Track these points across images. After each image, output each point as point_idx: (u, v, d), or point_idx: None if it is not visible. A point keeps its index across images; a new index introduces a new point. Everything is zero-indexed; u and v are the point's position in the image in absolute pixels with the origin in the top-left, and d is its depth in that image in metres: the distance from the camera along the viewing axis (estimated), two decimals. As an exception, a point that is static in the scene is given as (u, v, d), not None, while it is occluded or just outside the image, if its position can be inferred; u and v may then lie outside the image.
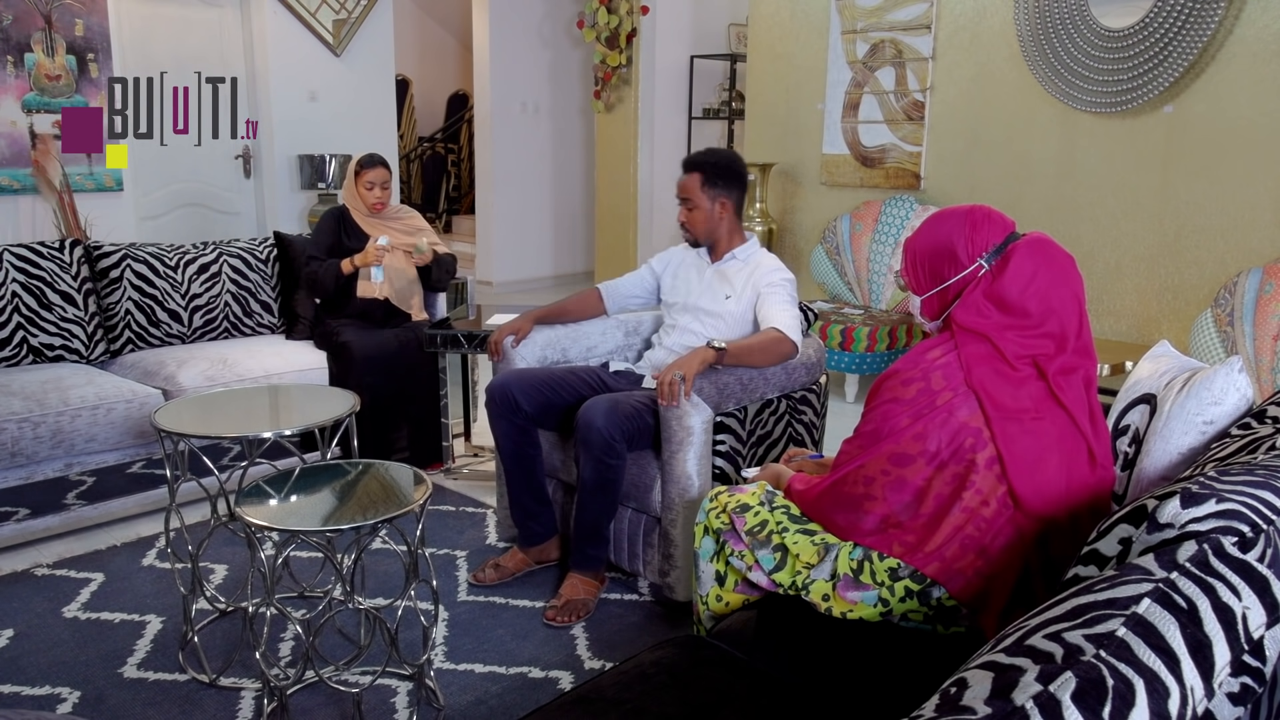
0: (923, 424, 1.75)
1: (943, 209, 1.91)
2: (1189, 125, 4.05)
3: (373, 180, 3.83)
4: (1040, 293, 1.75)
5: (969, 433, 1.73)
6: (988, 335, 1.76)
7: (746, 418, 2.69)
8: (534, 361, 3.05)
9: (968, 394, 1.75)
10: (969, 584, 1.73)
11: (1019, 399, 1.74)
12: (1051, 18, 4.33)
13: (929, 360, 1.79)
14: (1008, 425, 1.72)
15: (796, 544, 1.87)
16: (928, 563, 1.74)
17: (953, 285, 1.82)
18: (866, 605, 1.78)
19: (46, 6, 4.74)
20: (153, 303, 3.84)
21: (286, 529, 2.01)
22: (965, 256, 1.80)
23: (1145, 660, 0.89)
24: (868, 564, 1.78)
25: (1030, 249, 1.78)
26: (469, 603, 2.77)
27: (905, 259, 1.91)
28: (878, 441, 1.80)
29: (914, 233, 1.90)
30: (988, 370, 1.75)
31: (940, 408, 1.75)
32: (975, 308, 1.78)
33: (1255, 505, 1.16)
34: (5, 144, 4.71)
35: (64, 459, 3.25)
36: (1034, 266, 1.76)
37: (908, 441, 1.76)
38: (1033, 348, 1.75)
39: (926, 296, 1.87)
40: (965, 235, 1.80)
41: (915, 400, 1.77)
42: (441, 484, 3.65)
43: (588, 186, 8.09)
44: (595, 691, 1.57)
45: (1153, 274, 4.25)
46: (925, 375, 1.78)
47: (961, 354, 1.77)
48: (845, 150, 5.36)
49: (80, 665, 2.43)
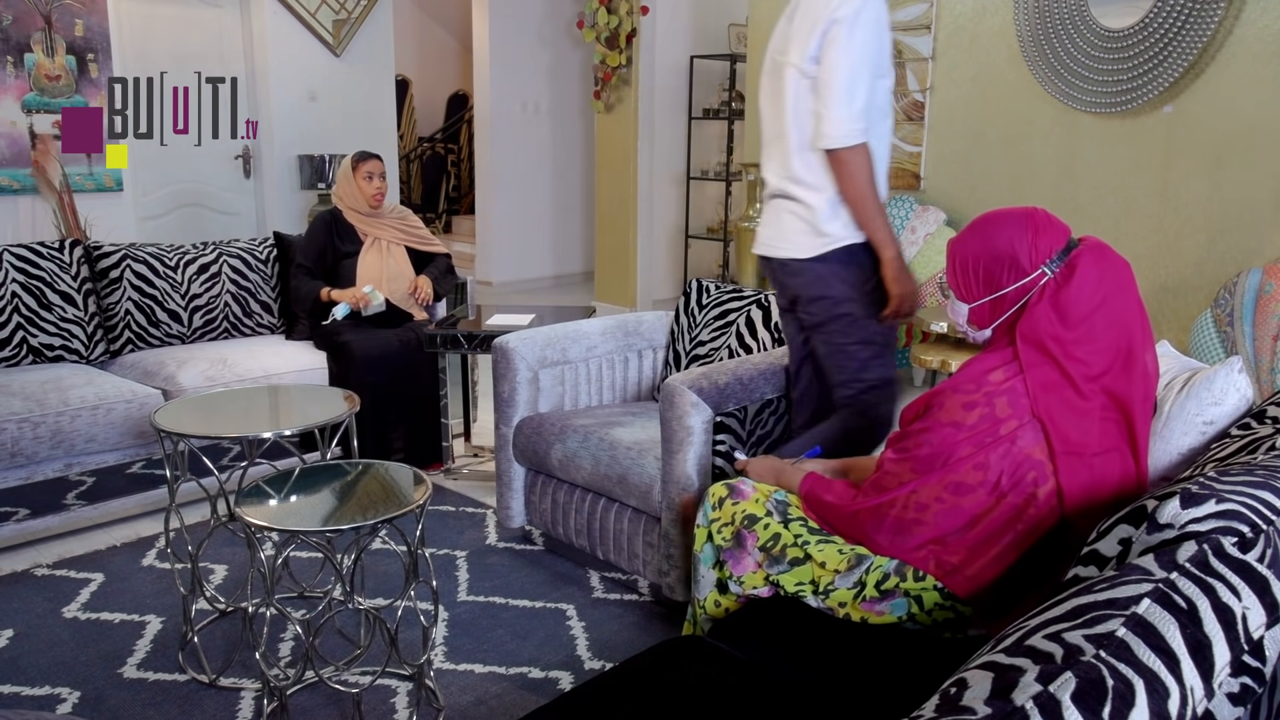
0: (985, 454, 1.67)
1: (994, 211, 1.80)
2: (1189, 125, 4.05)
3: (371, 170, 3.83)
4: (1105, 302, 1.66)
5: (1032, 465, 1.66)
6: (1056, 357, 1.66)
7: (746, 418, 2.69)
8: (534, 361, 3.05)
9: (1033, 423, 1.66)
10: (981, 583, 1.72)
11: (1086, 431, 1.65)
12: (1051, 18, 4.33)
13: (992, 384, 1.69)
14: (1071, 459, 1.65)
15: (823, 552, 1.82)
16: (968, 588, 1.70)
17: (1011, 294, 1.72)
18: (891, 615, 1.76)
19: (46, 7, 4.74)
20: (152, 303, 3.84)
21: (286, 529, 2.01)
22: (1028, 263, 1.70)
23: (1145, 660, 0.89)
24: (899, 580, 1.75)
25: (1096, 255, 1.69)
26: (469, 603, 2.76)
27: (953, 263, 1.79)
28: (933, 468, 1.71)
29: (962, 235, 1.80)
30: (1056, 400, 1.65)
31: (1004, 437, 1.66)
32: (1044, 319, 1.67)
33: (1255, 505, 1.16)
34: (5, 144, 4.71)
35: (64, 459, 3.25)
36: (1100, 274, 1.67)
37: (968, 471, 1.68)
38: (1098, 365, 1.66)
39: (977, 305, 1.77)
40: (1029, 240, 1.70)
41: (977, 427, 1.67)
42: (441, 484, 3.65)
43: (587, 187, 8.09)
44: (595, 692, 1.57)
45: (1152, 274, 4.25)
46: (990, 400, 1.68)
47: (1029, 379, 1.67)
48: (845, 150, 5.35)
49: (80, 665, 2.43)
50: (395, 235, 3.96)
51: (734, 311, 3.13)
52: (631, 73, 6.58)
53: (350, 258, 3.89)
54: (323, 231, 3.90)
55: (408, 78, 9.87)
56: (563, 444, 2.88)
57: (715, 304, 3.21)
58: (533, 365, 3.06)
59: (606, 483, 2.77)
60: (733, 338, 3.08)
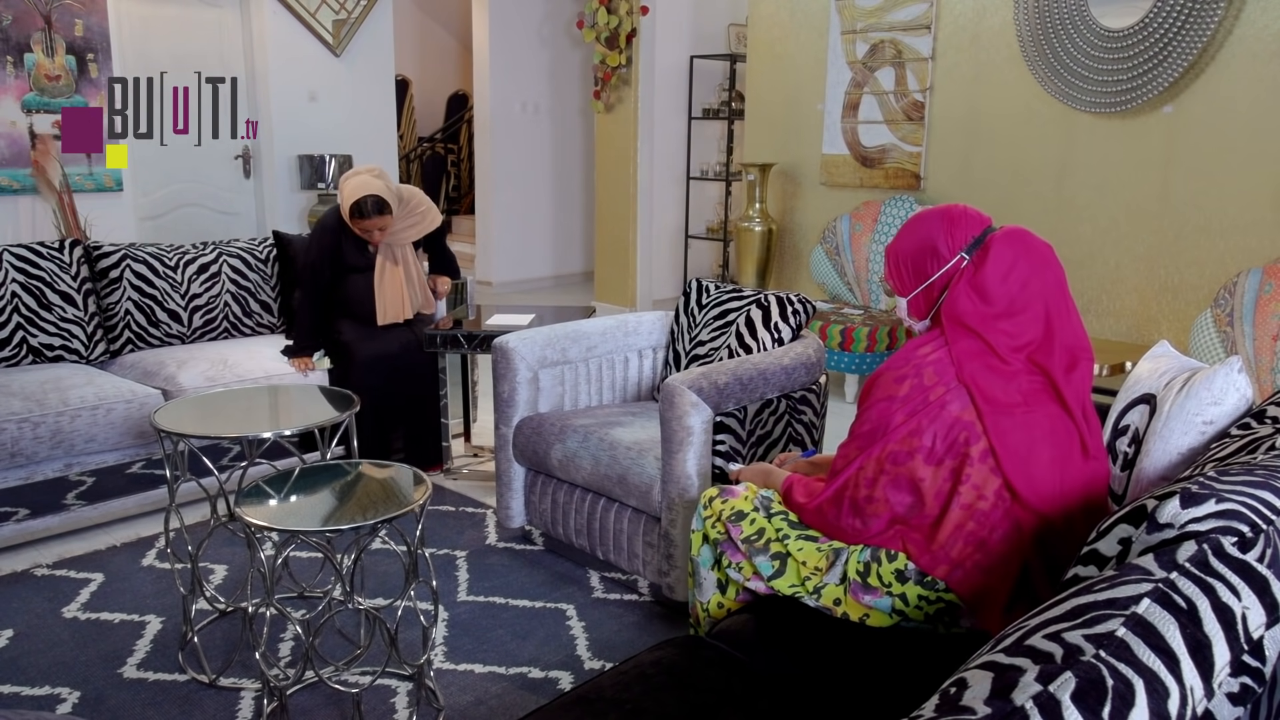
0: (917, 420, 1.76)
1: (920, 211, 1.94)
2: (1188, 125, 4.05)
3: (368, 227, 3.57)
4: (1022, 279, 1.77)
5: (962, 426, 1.74)
6: (977, 330, 1.77)
7: (746, 418, 2.69)
8: (534, 361, 3.05)
9: (959, 388, 1.76)
10: (969, 578, 1.73)
11: (1010, 392, 1.75)
12: (1051, 18, 4.33)
13: (920, 356, 1.81)
14: (999, 418, 1.73)
15: (801, 550, 1.87)
16: (936, 564, 1.74)
17: (937, 281, 1.84)
18: (881, 612, 1.78)
19: (46, 7, 4.74)
20: (152, 303, 3.84)
21: (286, 529, 2.01)
22: (947, 250, 1.83)
23: (1145, 660, 0.89)
24: (875, 565, 1.78)
25: (1008, 239, 1.81)
26: (469, 603, 2.76)
27: (889, 263, 1.93)
28: (874, 442, 1.81)
29: (895, 237, 1.93)
30: (979, 365, 1.76)
31: (933, 403, 1.76)
32: (962, 299, 1.79)
33: (1255, 505, 1.16)
34: (5, 144, 4.71)
35: (64, 459, 3.25)
36: (1013, 255, 1.78)
37: (903, 439, 1.77)
38: (1021, 337, 1.76)
39: (912, 296, 1.89)
40: (945, 231, 1.83)
41: (909, 397, 1.78)
42: (441, 484, 3.65)
43: (587, 187, 8.09)
44: (595, 692, 1.57)
45: (1152, 274, 4.25)
46: (917, 371, 1.79)
47: (953, 350, 1.78)
48: (845, 150, 5.36)
49: (80, 665, 2.43)
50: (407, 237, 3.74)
51: (734, 311, 3.13)
52: (631, 73, 6.58)
53: (360, 273, 3.70)
54: (331, 241, 3.65)
55: (408, 78, 9.86)
56: (563, 444, 2.88)
57: (715, 304, 3.21)
58: (532, 365, 3.06)
59: (606, 483, 2.77)
60: (732, 338, 3.08)
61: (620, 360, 3.31)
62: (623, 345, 3.29)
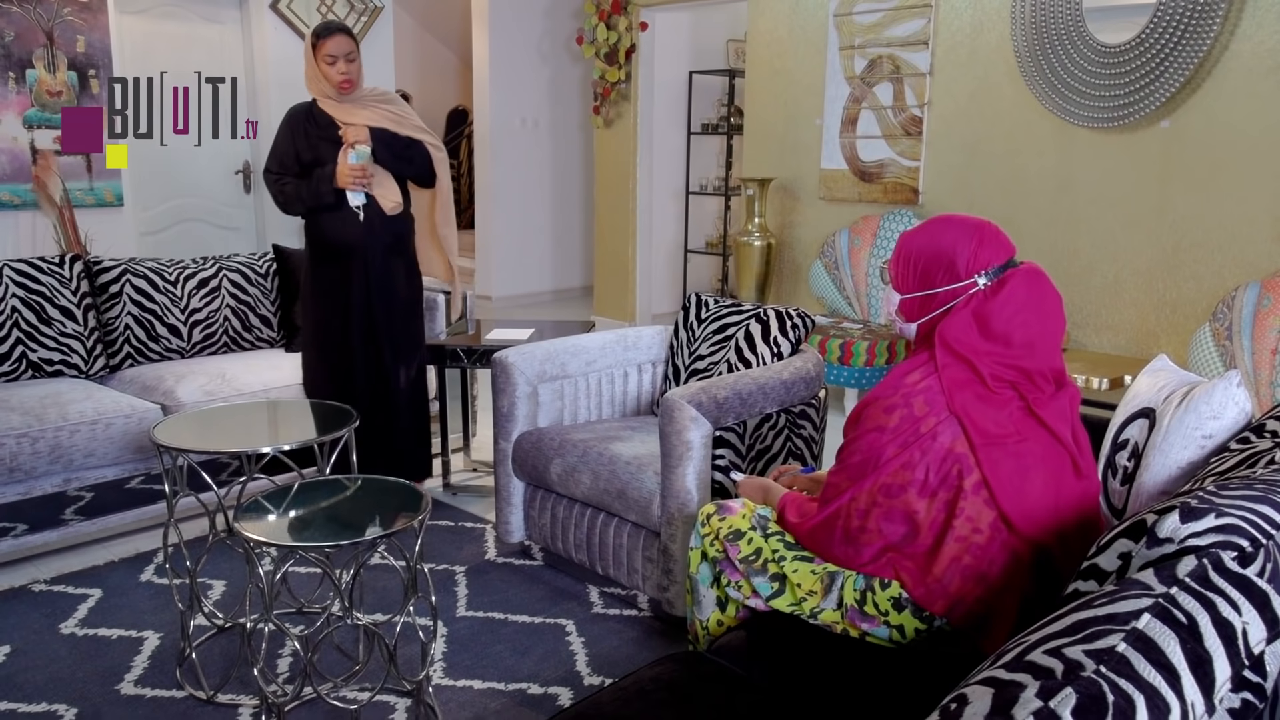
0: (909, 453, 1.72)
1: (951, 214, 1.85)
2: (1186, 140, 4.06)
3: (334, 53, 3.19)
4: (1025, 324, 1.71)
5: (954, 459, 1.70)
6: (969, 359, 1.72)
7: (745, 432, 2.69)
8: (533, 376, 3.05)
9: (950, 419, 1.71)
10: (971, 612, 1.72)
11: (1001, 422, 1.71)
12: (1048, 33, 4.36)
13: (909, 385, 1.75)
14: (992, 450, 1.69)
15: (796, 572, 1.84)
16: (933, 599, 1.72)
17: (941, 295, 1.78)
18: (878, 638, 1.78)
19: (48, 23, 4.76)
20: (152, 318, 3.84)
21: (285, 544, 2.01)
22: (964, 269, 1.75)
23: (1145, 676, 0.89)
24: (870, 594, 1.76)
25: (1027, 280, 1.74)
26: (468, 618, 2.76)
27: (898, 252, 1.84)
28: (864, 474, 1.77)
29: (915, 230, 1.85)
30: (970, 395, 1.71)
31: (925, 435, 1.71)
32: (963, 325, 1.73)
33: (1254, 520, 1.16)
34: (6, 160, 4.72)
35: (62, 474, 3.24)
36: (1026, 298, 1.72)
37: (896, 472, 1.73)
38: (1009, 375, 1.72)
39: (908, 297, 1.83)
40: (970, 249, 1.75)
41: (899, 428, 1.73)
42: (440, 499, 3.64)
43: (587, 202, 8.11)
44: (594, 708, 1.56)
45: (1151, 288, 4.25)
46: (907, 401, 1.73)
47: (943, 378, 1.73)
48: (843, 165, 5.38)
49: (77, 682, 2.42)
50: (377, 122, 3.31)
51: (733, 326, 3.13)
52: (631, 88, 6.61)
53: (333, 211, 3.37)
54: (291, 131, 3.30)
55: (408, 93, 9.90)
56: (562, 459, 2.88)
57: (714, 318, 3.21)
58: (532, 380, 3.06)
59: (606, 497, 2.76)
60: (732, 352, 3.09)
61: (620, 375, 3.31)
62: (622, 360, 3.29)
